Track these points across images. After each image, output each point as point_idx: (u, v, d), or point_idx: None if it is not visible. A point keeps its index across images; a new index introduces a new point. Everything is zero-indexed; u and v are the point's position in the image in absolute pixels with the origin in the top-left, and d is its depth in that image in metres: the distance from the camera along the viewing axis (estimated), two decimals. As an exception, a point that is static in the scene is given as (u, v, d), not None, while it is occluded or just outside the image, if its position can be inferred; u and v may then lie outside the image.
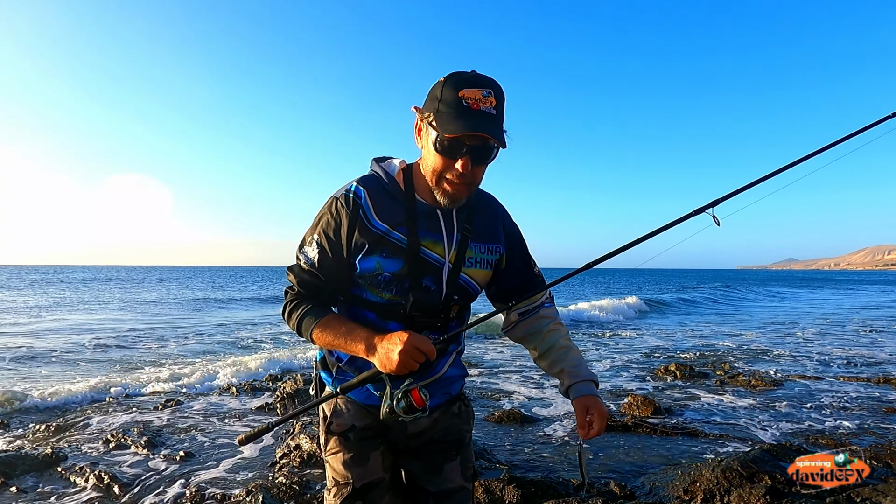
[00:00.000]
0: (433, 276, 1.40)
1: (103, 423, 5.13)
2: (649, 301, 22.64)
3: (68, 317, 16.58)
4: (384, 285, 1.37)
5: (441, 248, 1.40)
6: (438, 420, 1.55)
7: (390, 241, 1.36)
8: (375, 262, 1.36)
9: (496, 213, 1.55)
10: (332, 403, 1.52)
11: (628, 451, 4.35)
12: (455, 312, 1.45)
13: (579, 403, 1.46)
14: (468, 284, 1.46)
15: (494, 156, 1.31)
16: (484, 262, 1.49)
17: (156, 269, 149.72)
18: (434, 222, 1.40)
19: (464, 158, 1.27)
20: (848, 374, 7.56)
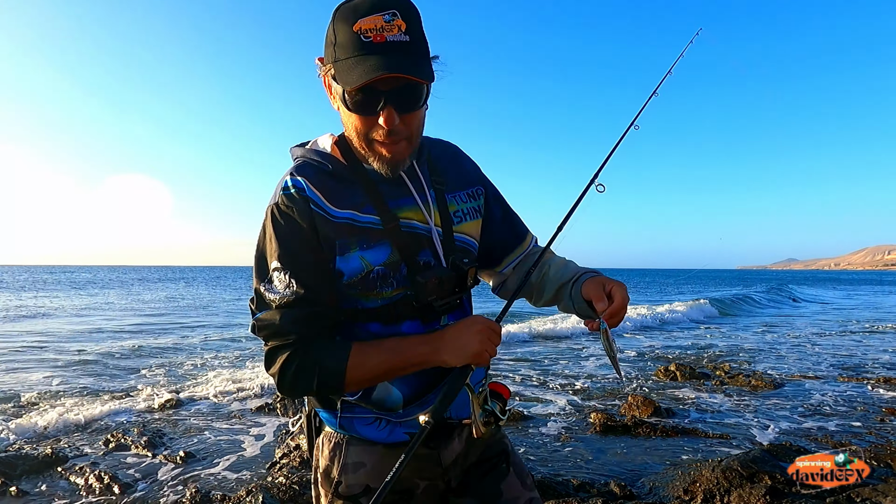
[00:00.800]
0: (427, 248, 1.14)
1: (103, 424, 5.13)
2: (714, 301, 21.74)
3: (74, 318, 16.59)
4: (381, 282, 1.09)
5: (419, 213, 1.14)
6: (470, 437, 1.24)
7: (362, 226, 1.08)
8: (359, 259, 1.08)
9: (455, 153, 1.30)
10: (339, 451, 1.18)
11: (628, 451, 4.35)
12: (472, 277, 1.19)
13: (592, 282, 1.15)
14: (467, 243, 1.22)
15: (426, 96, 1.04)
16: (472, 211, 1.25)
17: (155, 269, 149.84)
18: (398, 186, 1.13)
19: (385, 111, 0.99)
20: (848, 375, 7.57)
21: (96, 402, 5.98)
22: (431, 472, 1.20)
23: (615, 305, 1.10)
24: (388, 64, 0.94)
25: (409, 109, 1.02)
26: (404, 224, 1.11)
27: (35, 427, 4.95)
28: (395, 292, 1.11)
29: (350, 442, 1.17)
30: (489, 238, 1.30)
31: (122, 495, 3.54)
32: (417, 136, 1.08)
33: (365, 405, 1.15)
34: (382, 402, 1.14)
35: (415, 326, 1.13)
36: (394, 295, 1.11)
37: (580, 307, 1.18)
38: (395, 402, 1.15)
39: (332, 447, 1.18)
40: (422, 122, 1.08)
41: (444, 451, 1.20)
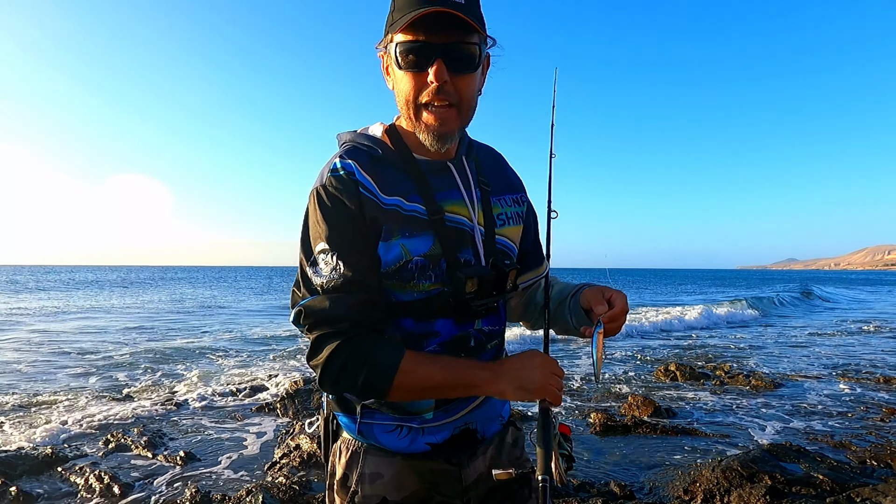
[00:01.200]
0: (469, 246, 1.10)
1: (103, 424, 5.13)
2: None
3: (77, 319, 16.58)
4: (419, 273, 1.04)
5: (465, 209, 1.11)
6: (495, 458, 1.21)
7: (407, 214, 1.05)
8: (400, 248, 1.03)
9: (502, 160, 1.29)
10: (356, 460, 1.13)
11: (628, 451, 4.35)
12: (513, 280, 1.14)
13: (591, 290, 1.14)
14: (506, 247, 1.18)
15: (480, 58, 1.01)
16: (515, 216, 1.22)
17: (155, 269, 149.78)
18: (447, 179, 1.11)
19: (435, 64, 0.97)
20: (848, 375, 7.57)
21: (97, 402, 5.98)
22: (451, 490, 1.14)
23: (615, 310, 1.08)
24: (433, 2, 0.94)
25: (461, 69, 0.99)
26: (449, 218, 1.08)
27: (35, 427, 4.95)
28: (432, 286, 1.06)
29: (368, 451, 1.12)
30: (520, 249, 1.27)
31: (122, 495, 3.54)
32: (467, 108, 1.04)
33: (387, 410, 1.10)
34: (409, 405, 1.10)
35: (448, 326, 1.09)
36: (431, 289, 1.06)
37: (578, 318, 1.17)
38: (423, 405, 1.10)
39: (350, 455, 1.13)
40: (473, 92, 1.04)
41: (466, 469, 1.15)
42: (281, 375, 7.40)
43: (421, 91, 1.00)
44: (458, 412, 1.12)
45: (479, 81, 1.06)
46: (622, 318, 1.10)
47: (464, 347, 1.11)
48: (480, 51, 1.01)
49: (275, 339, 11.86)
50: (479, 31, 0.98)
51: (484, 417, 1.17)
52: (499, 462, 1.21)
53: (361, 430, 1.12)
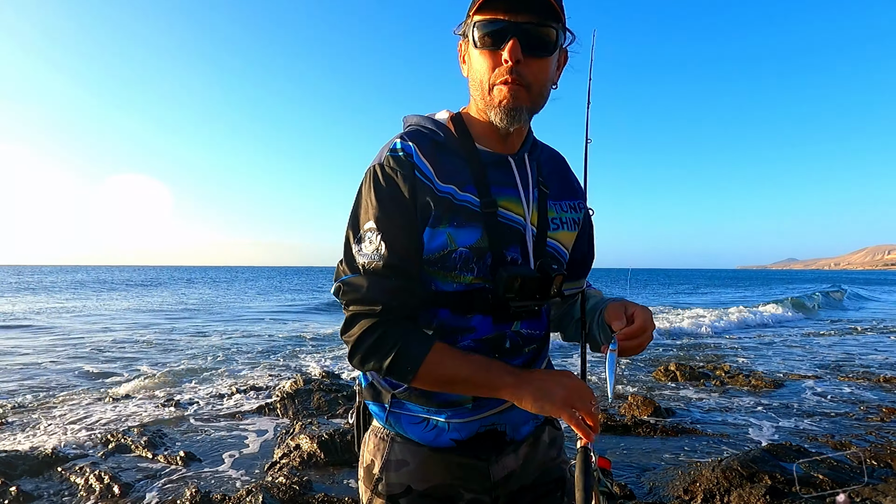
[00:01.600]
0: (518, 244, 1.08)
1: (103, 424, 5.13)
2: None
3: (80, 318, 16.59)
4: (462, 264, 1.03)
5: (520, 207, 1.09)
6: (529, 456, 1.18)
7: (459, 204, 1.03)
8: (446, 236, 1.02)
9: (565, 164, 1.26)
10: (382, 447, 1.14)
11: (628, 451, 4.35)
12: (557, 286, 1.10)
13: (614, 305, 1.10)
14: (557, 252, 1.16)
15: (557, 43, 1.01)
16: (570, 222, 1.19)
17: (156, 269, 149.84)
18: (506, 174, 1.09)
19: (510, 41, 0.96)
20: (848, 375, 7.57)
21: (97, 402, 5.98)
22: (479, 485, 1.12)
23: (633, 328, 1.03)
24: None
25: (536, 52, 0.98)
26: (502, 213, 1.06)
27: (35, 427, 4.96)
28: (473, 280, 1.05)
29: (395, 439, 1.13)
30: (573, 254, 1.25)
31: (122, 495, 3.55)
32: (538, 93, 1.02)
33: (418, 400, 1.09)
34: (449, 395, 1.08)
35: (485, 323, 1.07)
36: (472, 283, 1.05)
37: (605, 334, 1.13)
38: (445, 399, 1.09)
39: (377, 442, 1.14)
40: (547, 79, 1.02)
41: (494, 465, 1.13)
42: (281, 376, 7.41)
43: (494, 69, 1.00)
44: (487, 410, 1.10)
45: (554, 71, 1.05)
46: (642, 337, 1.04)
47: (498, 348, 1.08)
48: (557, 36, 1.00)
49: (275, 339, 11.87)
50: (559, 15, 0.98)
51: (515, 420, 1.14)
52: (533, 460, 1.18)
53: (390, 419, 1.13)
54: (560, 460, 1.24)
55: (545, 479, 1.20)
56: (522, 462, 1.17)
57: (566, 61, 1.11)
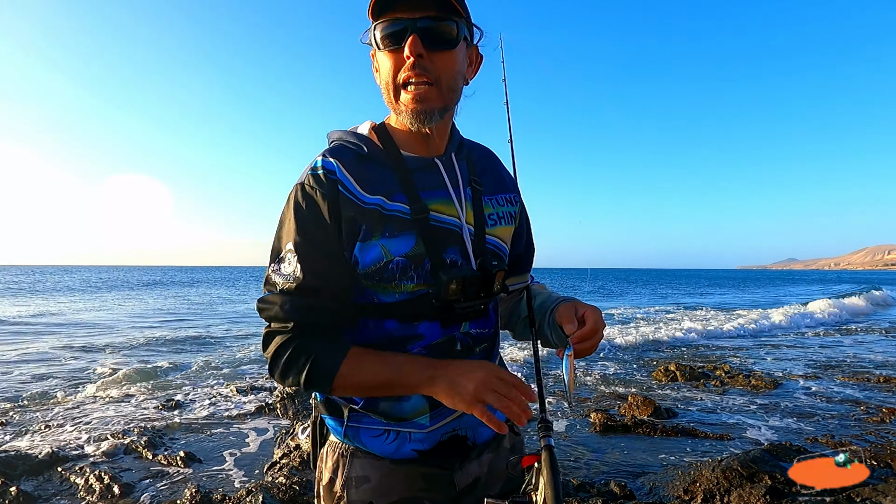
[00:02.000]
0: (456, 246, 1.07)
1: (103, 424, 5.13)
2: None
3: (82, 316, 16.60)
4: (401, 273, 1.02)
5: (453, 208, 1.08)
6: (493, 463, 1.17)
7: (389, 214, 1.03)
8: (380, 248, 1.02)
9: (495, 159, 1.27)
10: (342, 464, 1.11)
11: (628, 451, 4.35)
12: (500, 282, 1.10)
13: (565, 307, 1.10)
14: (498, 248, 1.16)
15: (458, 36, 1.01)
16: (507, 216, 1.19)
17: (157, 269, 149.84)
18: (434, 177, 1.08)
19: (410, 38, 0.97)
20: (848, 375, 7.56)
21: (97, 401, 5.99)
22: (444, 494, 1.11)
23: (584, 330, 1.03)
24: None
25: (437, 45, 0.99)
26: (434, 217, 1.06)
27: (35, 427, 4.96)
28: (415, 287, 1.04)
29: (355, 454, 1.10)
30: (511, 252, 1.24)
31: (122, 495, 3.55)
32: (448, 87, 1.02)
33: (376, 415, 1.08)
34: (400, 411, 1.07)
35: (433, 329, 1.06)
36: (414, 290, 1.04)
37: (557, 335, 1.13)
38: (418, 408, 1.07)
39: (336, 458, 1.11)
40: (454, 72, 1.03)
41: (458, 472, 1.12)
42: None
43: (399, 68, 1.00)
44: (445, 417, 1.08)
45: (462, 64, 1.05)
46: (594, 338, 1.05)
47: (450, 351, 1.08)
48: (459, 30, 1.01)
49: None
50: (458, 7, 0.99)
51: (475, 423, 1.12)
52: (497, 467, 1.17)
53: (348, 433, 1.11)
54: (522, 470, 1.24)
55: (510, 488, 1.17)
56: (487, 469, 1.16)
57: (480, 60, 1.11)
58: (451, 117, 1.11)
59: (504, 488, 1.17)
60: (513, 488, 1.15)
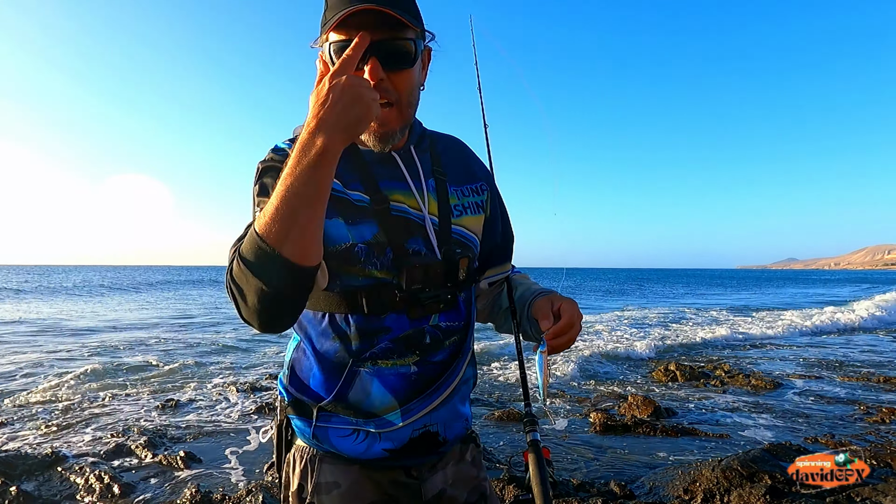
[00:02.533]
0: (419, 236, 1.06)
1: (103, 423, 5.14)
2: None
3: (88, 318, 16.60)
4: (365, 258, 1.02)
5: (413, 199, 1.08)
6: (458, 475, 1.18)
7: (347, 199, 1.02)
8: (344, 228, 1.01)
9: (462, 149, 1.25)
10: (311, 468, 1.09)
11: (628, 451, 4.35)
12: (465, 269, 1.09)
13: (541, 300, 1.10)
14: (464, 237, 1.14)
15: (416, 53, 0.98)
16: (473, 206, 1.18)
17: (158, 269, 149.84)
18: (393, 169, 1.08)
19: (370, 62, 0.93)
20: (848, 375, 7.56)
21: (96, 401, 5.99)
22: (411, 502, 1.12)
23: (560, 325, 1.03)
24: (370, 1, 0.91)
25: (396, 66, 0.97)
26: (395, 207, 1.05)
27: (35, 427, 4.96)
28: (379, 274, 1.03)
29: (323, 459, 1.09)
30: (484, 243, 1.22)
31: (122, 495, 3.55)
32: (408, 104, 1.02)
33: (345, 413, 1.06)
34: (370, 406, 1.05)
35: (400, 321, 1.04)
36: (380, 277, 1.03)
37: (535, 329, 1.13)
38: (387, 404, 1.05)
39: (304, 464, 1.09)
40: (412, 88, 1.01)
41: (426, 482, 1.12)
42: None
43: None
44: (417, 412, 1.07)
45: (419, 77, 1.04)
46: (570, 332, 1.05)
47: (419, 344, 1.06)
48: (416, 46, 0.99)
49: (276, 338, 11.86)
50: (411, 26, 0.97)
51: (446, 418, 1.11)
52: (462, 478, 1.18)
53: (316, 433, 1.08)
54: (480, 478, 1.23)
55: (470, 499, 1.19)
56: (452, 481, 1.16)
57: (430, 58, 1.10)
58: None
59: (468, 498, 1.18)
60: (475, 498, 1.19)
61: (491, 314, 1.32)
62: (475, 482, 1.21)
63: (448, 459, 1.17)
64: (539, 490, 0.95)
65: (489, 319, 1.33)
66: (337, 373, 1.06)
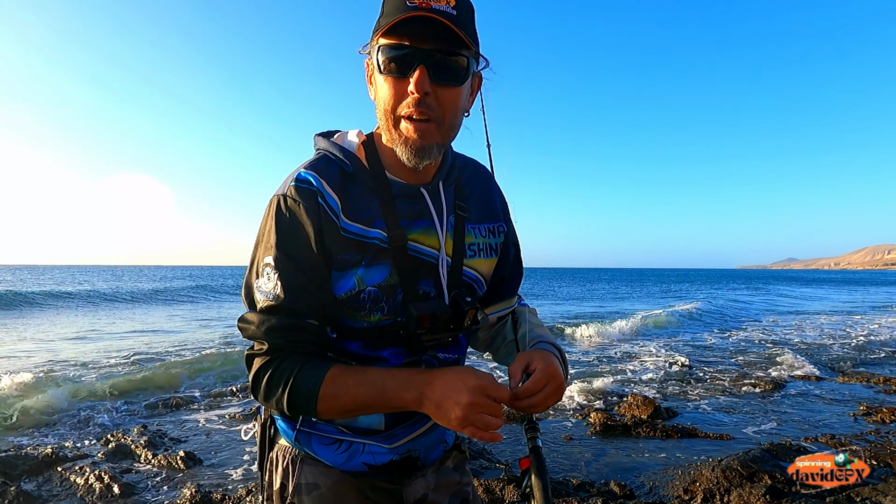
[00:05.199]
0: (431, 277, 1.04)
1: (103, 423, 5.14)
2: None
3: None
4: (371, 304, 1.00)
5: (434, 238, 1.05)
6: (440, 481, 1.18)
7: (366, 242, 0.99)
8: (354, 279, 0.99)
9: (487, 181, 1.20)
10: (293, 468, 1.09)
11: (628, 451, 4.35)
12: (470, 319, 1.07)
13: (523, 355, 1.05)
14: (474, 280, 1.11)
15: (468, 72, 0.95)
16: (487, 248, 1.14)
17: (162, 269, 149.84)
18: (418, 205, 1.04)
19: (418, 70, 0.90)
20: (848, 375, 7.56)
21: (97, 401, 5.99)
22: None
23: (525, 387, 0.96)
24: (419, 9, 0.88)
25: (445, 80, 0.93)
26: (413, 247, 1.02)
27: (35, 427, 4.96)
28: (384, 318, 1.01)
29: (304, 460, 1.09)
30: (493, 278, 1.20)
31: (122, 495, 3.54)
32: (449, 125, 0.97)
33: (330, 424, 1.07)
34: (345, 423, 1.06)
35: (397, 354, 1.04)
36: (382, 321, 1.02)
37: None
38: (372, 426, 1.06)
39: (287, 464, 1.09)
40: (457, 109, 0.97)
41: (407, 487, 1.12)
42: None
43: (401, 100, 0.94)
44: (402, 438, 1.08)
45: (466, 99, 1.00)
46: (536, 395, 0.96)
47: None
48: (469, 65, 0.95)
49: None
50: (468, 44, 0.92)
51: (427, 445, 1.13)
52: (444, 484, 1.18)
53: (299, 437, 1.08)
54: (463, 483, 1.23)
55: (455, 503, 1.19)
56: (434, 487, 1.16)
57: (480, 84, 1.07)
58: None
59: (454, 502, 1.19)
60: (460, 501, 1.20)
61: (492, 345, 1.29)
62: (457, 487, 1.20)
63: (428, 467, 1.18)
64: (540, 495, 0.95)
65: (489, 349, 1.31)
66: None
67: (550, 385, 0.97)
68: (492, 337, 1.29)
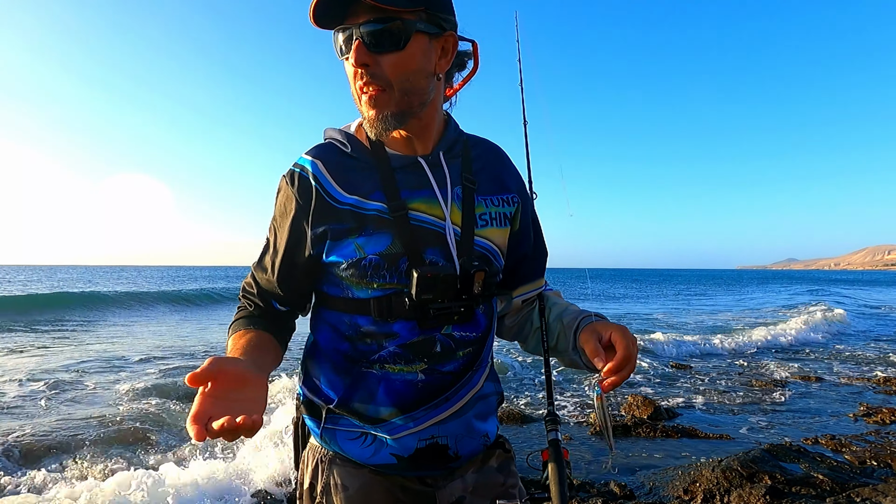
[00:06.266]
0: (437, 246, 1.02)
1: (103, 423, 5.14)
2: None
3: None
4: (372, 272, 1.00)
5: (437, 207, 1.04)
6: (479, 483, 1.12)
7: (364, 213, 1.01)
8: (353, 246, 1.00)
9: (499, 157, 1.19)
10: (322, 468, 1.08)
11: (628, 451, 4.36)
12: (480, 283, 1.03)
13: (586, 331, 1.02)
14: (487, 249, 1.08)
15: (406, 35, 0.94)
16: (500, 217, 1.12)
17: (160, 269, 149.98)
18: (419, 176, 1.04)
19: (354, 44, 0.93)
20: (848, 375, 7.56)
21: (97, 401, 5.99)
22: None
23: (617, 360, 0.94)
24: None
25: (381, 48, 0.93)
26: (414, 216, 1.02)
27: (35, 426, 4.96)
28: (387, 285, 1.01)
29: (334, 460, 1.07)
30: (513, 256, 1.17)
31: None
32: (402, 90, 0.96)
33: (351, 416, 1.05)
34: (367, 411, 1.04)
35: (408, 328, 1.01)
36: (387, 288, 1.01)
37: (586, 360, 1.05)
38: (381, 411, 1.04)
39: (316, 464, 1.09)
40: (407, 73, 0.96)
41: (441, 490, 1.07)
42: (282, 374, 7.41)
43: (356, 79, 0.97)
44: (423, 422, 1.04)
45: (423, 62, 0.98)
46: (630, 365, 0.95)
47: (427, 352, 1.03)
48: (407, 26, 0.94)
49: (296, 338, 11.84)
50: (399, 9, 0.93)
51: (457, 433, 1.06)
52: (484, 487, 1.12)
53: (324, 435, 1.07)
54: (508, 485, 1.15)
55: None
56: (473, 489, 1.11)
57: (455, 45, 1.04)
58: (431, 117, 1.05)
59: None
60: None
61: (521, 332, 1.25)
62: (500, 490, 1.13)
63: (468, 466, 1.12)
64: (556, 489, 0.94)
65: (518, 338, 1.27)
66: (345, 373, 1.05)
67: (633, 351, 0.96)
68: (519, 324, 1.25)
